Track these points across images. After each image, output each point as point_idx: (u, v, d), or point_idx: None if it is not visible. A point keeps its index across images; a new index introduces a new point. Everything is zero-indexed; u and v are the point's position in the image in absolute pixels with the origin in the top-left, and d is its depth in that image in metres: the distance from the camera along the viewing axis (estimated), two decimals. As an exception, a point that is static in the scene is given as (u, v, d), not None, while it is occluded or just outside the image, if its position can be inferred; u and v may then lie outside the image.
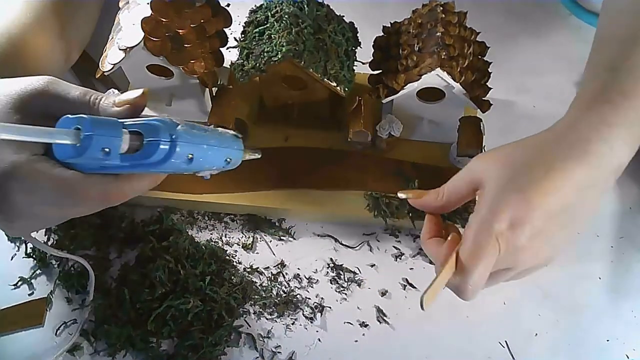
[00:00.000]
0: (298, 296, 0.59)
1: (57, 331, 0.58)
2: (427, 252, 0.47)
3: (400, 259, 0.61)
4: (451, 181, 0.47)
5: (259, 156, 0.46)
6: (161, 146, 0.35)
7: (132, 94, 0.39)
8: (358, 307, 0.59)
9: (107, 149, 0.33)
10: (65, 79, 0.42)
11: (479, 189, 0.44)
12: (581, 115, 0.44)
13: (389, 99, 0.59)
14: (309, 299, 0.59)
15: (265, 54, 0.57)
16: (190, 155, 0.37)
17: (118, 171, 0.37)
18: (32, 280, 0.60)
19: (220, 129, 0.41)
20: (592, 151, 0.41)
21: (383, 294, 0.59)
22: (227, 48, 0.62)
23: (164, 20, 0.55)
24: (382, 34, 0.63)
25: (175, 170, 0.38)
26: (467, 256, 0.41)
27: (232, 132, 0.42)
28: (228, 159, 0.41)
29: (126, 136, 0.34)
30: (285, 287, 0.59)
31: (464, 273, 0.41)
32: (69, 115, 0.34)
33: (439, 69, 0.54)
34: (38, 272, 0.61)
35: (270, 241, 0.62)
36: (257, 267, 0.61)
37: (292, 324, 0.58)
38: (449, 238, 0.45)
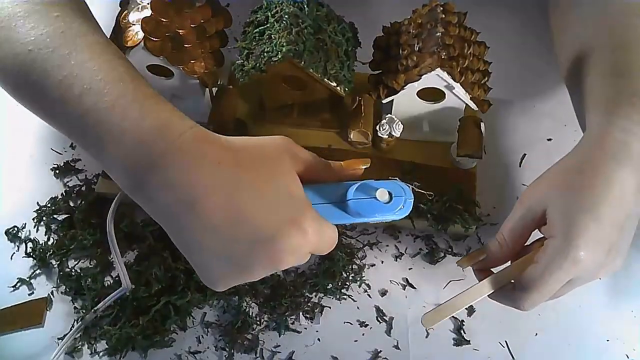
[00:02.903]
0: (298, 296, 0.59)
1: (56, 332, 0.58)
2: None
3: (400, 259, 0.61)
4: (507, 225, 0.48)
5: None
6: (407, 201, 0.44)
7: (361, 163, 0.46)
8: (358, 307, 0.59)
9: (402, 206, 0.44)
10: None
11: (542, 219, 0.46)
12: (608, 122, 0.45)
13: (389, 99, 0.59)
14: (309, 298, 0.59)
15: (265, 54, 0.57)
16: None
17: (350, 221, 0.45)
18: (32, 280, 0.60)
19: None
20: (636, 153, 0.44)
21: (383, 294, 0.59)
22: (227, 48, 0.62)
23: (164, 20, 0.55)
24: (382, 34, 0.63)
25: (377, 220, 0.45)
26: (539, 276, 0.44)
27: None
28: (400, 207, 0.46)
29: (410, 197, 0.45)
30: (285, 287, 0.59)
31: (532, 291, 0.44)
32: (373, 180, 0.44)
33: (439, 69, 0.54)
34: (38, 271, 0.61)
35: (270, 241, 0.62)
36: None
37: (292, 323, 0.58)
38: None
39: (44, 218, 0.63)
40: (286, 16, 0.57)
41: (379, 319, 0.58)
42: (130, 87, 0.41)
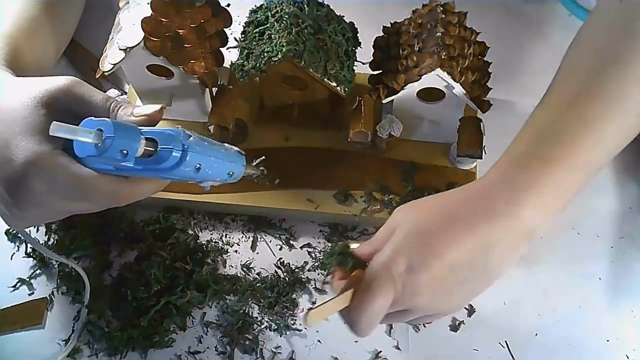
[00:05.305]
0: (298, 296, 0.59)
1: (56, 332, 0.58)
2: (333, 288, 0.46)
3: (400, 259, 0.61)
4: (379, 232, 0.46)
5: (262, 173, 0.49)
6: (173, 154, 0.38)
7: (150, 108, 0.42)
8: (358, 307, 0.59)
9: (125, 151, 0.36)
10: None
11: None
12: (496, 177, 0.44)
13: (389, 99, 0.59)
14: (309, 298, 0.59)
15: (265, 54, 0.57)
16: (199, 165, 0.40)
17: (130, 174, 0.40)
18: (32, 280, 0.60)
19: (226, 144, 0.44)
20: (497, 212, 0.41)
21: (383, 294, 0.59)
22: (227, 48, 0.62)
23: (164, 20, 0.55)
24: (382, 34, 0.63)
25: (182, 178, 0.40)
26: (364, 292, 0.42)
27: (236, 148, 0.45)
28: (231, 173, 0.44)
29: (143, 141, 0.37)
30: (285, 287, 0.59)
31: (360, 308, 0.41)
32: (93, 118, 0.37)
33: (439, 69, 0.54)
34: (38, 272, 0.61)
35: (270, 241, 0.62)
36: (257, 267, 0.61)
37: (292, 324, 0.58)
38: (352, 274, 0.45)
39: (44, 218, 0.63)
40: (286, 16, 0.57)
41: (379, 319, 0.58)
42: None
